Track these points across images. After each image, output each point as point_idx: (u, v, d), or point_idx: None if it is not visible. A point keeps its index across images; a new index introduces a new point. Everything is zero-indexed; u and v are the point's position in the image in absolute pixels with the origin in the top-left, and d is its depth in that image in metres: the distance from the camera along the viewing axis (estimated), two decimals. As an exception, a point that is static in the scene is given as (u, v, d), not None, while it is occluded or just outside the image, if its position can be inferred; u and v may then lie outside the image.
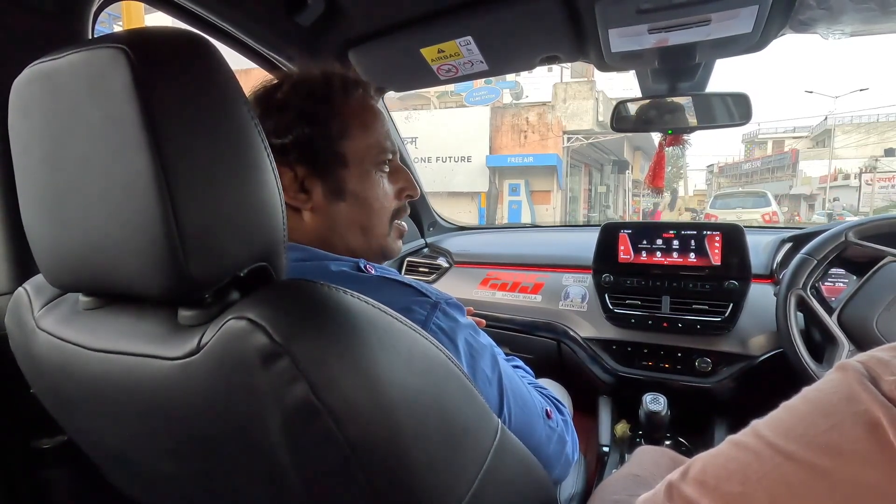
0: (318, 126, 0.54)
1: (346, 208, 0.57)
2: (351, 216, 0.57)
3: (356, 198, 0.57)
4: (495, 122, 12.14)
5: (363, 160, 0.57)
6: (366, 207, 0.58)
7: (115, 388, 0.39)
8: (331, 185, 0.56)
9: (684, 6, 0.79)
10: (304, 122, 0.54)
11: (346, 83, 0.57)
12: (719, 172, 35.05)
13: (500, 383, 0.52)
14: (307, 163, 0.54)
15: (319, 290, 0.34)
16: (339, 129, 0.55)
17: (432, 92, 12.67)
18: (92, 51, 0.32)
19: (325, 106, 0.55)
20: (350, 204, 0.57)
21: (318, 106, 0.55)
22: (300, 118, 0.54)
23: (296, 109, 0.54)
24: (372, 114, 0.58)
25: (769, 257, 1.20)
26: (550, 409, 0.61)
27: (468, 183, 11.97)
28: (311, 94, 0.55)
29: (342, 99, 0.56)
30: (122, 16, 2.58)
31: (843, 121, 24.62)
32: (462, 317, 0.51)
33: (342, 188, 0.56)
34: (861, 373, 0.27)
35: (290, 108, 0.54)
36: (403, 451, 0.33)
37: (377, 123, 0.58)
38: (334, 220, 0.56)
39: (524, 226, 1.99)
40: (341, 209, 0.56)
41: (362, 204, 0.57)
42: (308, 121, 0.54)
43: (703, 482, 0.31)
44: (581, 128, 11.62)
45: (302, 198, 0.55)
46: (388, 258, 0.62)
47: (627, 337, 1.20)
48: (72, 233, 0.37)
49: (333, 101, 0.55)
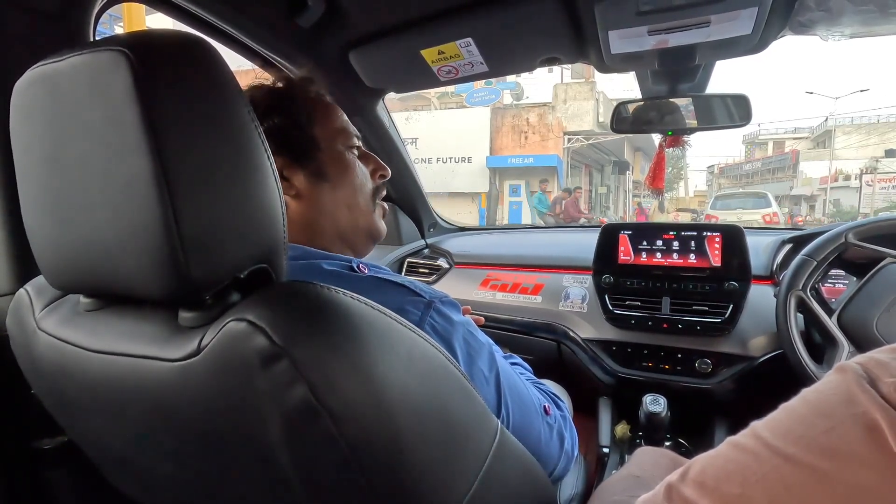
0: (287, 116, 0.58)
1: (330, 189, 0.59)
2: (336, 196, 0.60)
3: (338, 177, 0.60)
4: (496, 123, 12.14)
5: (334, 141, 0.60)
6: (348, 185, 0.61)
7: (115, 389, 0.39)
8: (311, 169, 0.58)
9: (684, 8, 0.79)
10: (274, 114, 0.57)
11: (302, 80, 0.62)
12: (720, 173, 34.99)
13: (498, 381, 0.52)
14: (284, 151, 0.56)
15: (319, 292, 0.34)
16: (307, 116, 0.59)
17: (433, 93, 12.66)
18: (93, 53, 0.32)
19: (288, 100, 0.59)
20: (333, 185, 0.60)
21: (284, 100, 0.58)
22: (270, 111, 0.57)
23: (263, 105, 0.56)
24: (331, 105, 0.63)
25: (769, 258, 1.20)
26: (549, 405, 0.62)
27: (468, 184, 11.97)
28: (274, 93, 0.59)
29: (302, 93, 0.60)
30: (124, 17, 2.58)
31: (843, 122, 24.59)
32: (457, 315, 0.51)
33: (322, 170, 0.59)
34: (860, 374, 0.27)
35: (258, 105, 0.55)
36: (403, 452, 0.33)
37: (337, 112, 0.63)
38: (320, 203, 0.59)
39: (524, 227, 1.99)
40: (325, 191, 0.59)
41: (344, 182, 0.60)
42: (277, 112, 0.57)
43: (703, 483, 0.31)
44: (581, 129, 11.62)
45: (284, 185, 0.56)
46: (376, 238, 0.65)
47: (627, 338, 1.20)
48: (73, 234, 0.37)
49: (295, 95, 0.60)
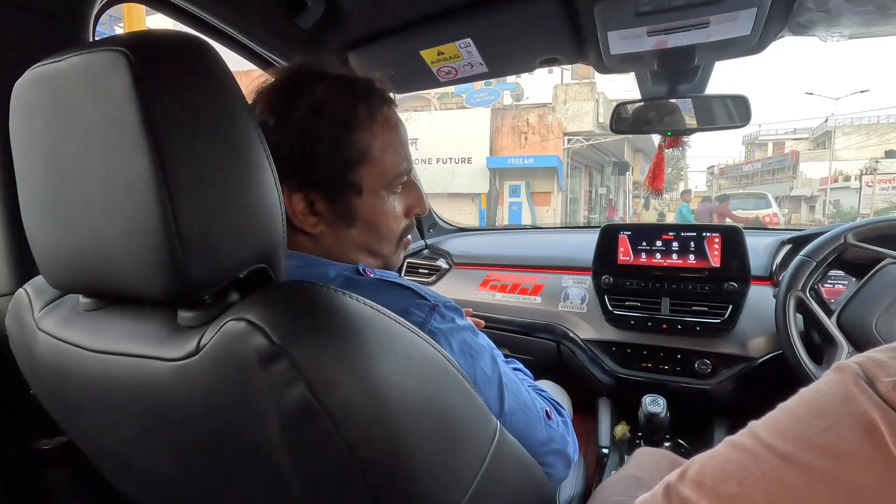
0: (337, 154, 0.50)
1: (356, 233, 0.55)
2: (359, 240, 0.55)
3: (366, 224, 0.55)
4: (496, 124, 12.14)
5: (379, 187, 0.54)
6: (375, 233, 0.56)
7: (114, 389, 0.39)
8: (342, 212, 0.53)
9: (683, 9, 0.79)
10: (323, 147, 0.50)
11: (371, 101, 0.52)
12: (720, 174, 35.02)
13: (500, 384, 0.51)
14: (319, 188, 0.51)
15: (318, 292, 0.34)
16: (359, 156, 0.51)
17: (433, 93, 12.68)
18: (93, 53, 0.32)
19: (347, 132, 0.50)
20: (360, 230, 0.55)
21: (341, 131, 0.50)
22: (317, 141, 0.50)
23: (314, 133, 0.50)
24: (395, 133, 0.54)
25: (769, 259, 1.20)
26: (550, 410, 0.61)
27: (468, 184, 11.97)
28: (335, 119, 0.50)
29: (367, 122, 0.52)
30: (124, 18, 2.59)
31: (843, 122, 24.59)
32: (461, 319, 0.51)
33: (353, 215, 0.53)
34: (858, 374, 0.27)
35: (308, 131, 0.50)
36: (401, 451, 0.33)
37: (398, 143, 0.55)
38: (341, 243, 0.55)
39: (524, 227, 1.99)
40: (350, 234, 0.55)
41: (372, 229, 0.55)
42: (327, 146, 0.50)
43: (701, 483, 0.31)
44: (581, 129, 11.63)
45: (311, 221, 0.52)
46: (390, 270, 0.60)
47: (627, 338, 1.20)
48: (72, 234, 0.37)
49: (356, 125, 0.51)
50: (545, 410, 0.60)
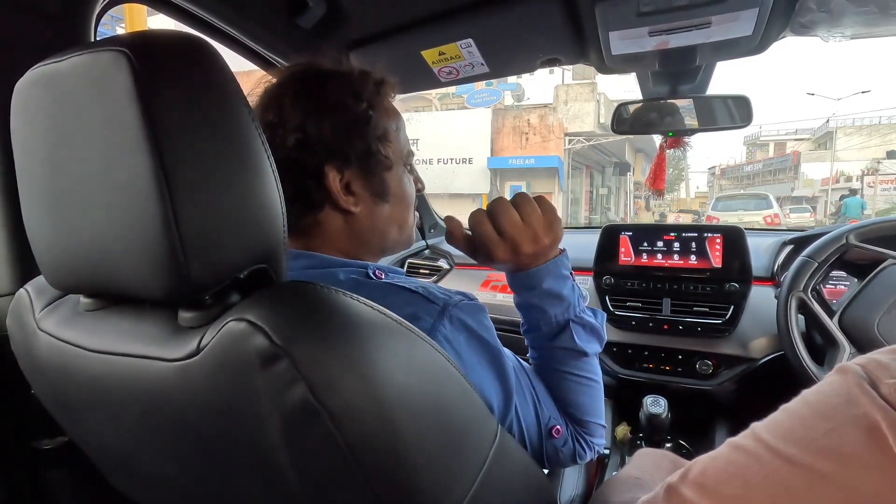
0: (369, 133, 0.54)
1: (389, 209, 0.58)
2: (393, 215, 0.59)
3: (396, 197, 0.58)
4: (496, 124, 12.15)
5: (400, 161, 0.59)
6: (403, 205, 0.60)
7: (115, 389, 0.39)
8: (376, 188, 0.56)
9: (684, 9, 0.79)
10: (357, 129, 0.54)
11: (378, 85, 0.57)
12: (721, 174, 35.00)
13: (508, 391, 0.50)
14: (356, 166, 0.54)
15: (319, 292, 0.34)
16: (384, 134, 0.56)
17: (434, 94, 12.69)
18: (94, 53, 0.32)
19: (370, 110, 0.55)
20: (392, 204, 0.58)
21: (368, 110, 0.54)
22: (353, 122, 0.53)
23: (347, 111, 0.53)
24: (400, 116, 0.60)
25: (770, 259, 1.20)
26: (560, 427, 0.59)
27: (469, 185, 11.97)
28: (359, 97, 0.54)
29: (380, 101, 0.57)
30: (125, 18, 2.59)
31: (844, 123, 24.57)
32: (473, 319, 0.49)
33: (387, 190, 0.57)
34: (860, 375, 0.27)
35: (340, 108, 0.53)
36: (402, 452, 0.33)
37: (403, 125, 0.60)
38: (376, 221, 0.57)
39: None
40: (384, 210, 0.58)
41: (400, 202, 0.59)
42: (360, 123, 0.54)
43: (703, 485, 0.31)
44: (582, 129, 11.64)
45: (351, 200, 0.54)
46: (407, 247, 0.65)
47: (628, 339, 1.20)
48: (73, 234, 0.37)
49: (376, 104, 0.56)
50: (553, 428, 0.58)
